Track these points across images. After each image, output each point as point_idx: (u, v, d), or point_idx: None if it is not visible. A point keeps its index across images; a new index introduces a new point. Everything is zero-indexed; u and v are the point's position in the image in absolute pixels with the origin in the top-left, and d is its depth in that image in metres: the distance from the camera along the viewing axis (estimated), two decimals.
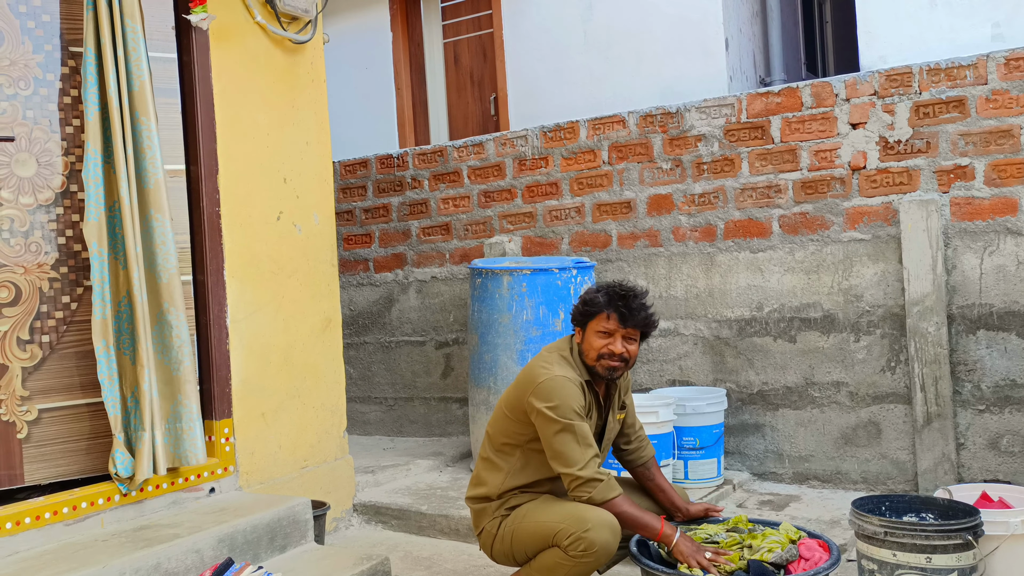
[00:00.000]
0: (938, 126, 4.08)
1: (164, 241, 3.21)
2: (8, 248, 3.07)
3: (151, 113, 3.19)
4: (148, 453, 3.11)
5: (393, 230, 5.74)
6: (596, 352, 2.79)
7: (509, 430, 2.85)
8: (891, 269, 4.18)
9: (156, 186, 3.19)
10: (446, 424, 5.57)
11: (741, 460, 4.55)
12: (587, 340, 2.82)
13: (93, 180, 3.10)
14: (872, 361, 4.22)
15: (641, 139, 4.81)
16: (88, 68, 3.11)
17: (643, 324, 2.82)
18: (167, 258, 3.21)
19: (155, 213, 3.19)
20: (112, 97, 3.11)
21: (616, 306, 2.78)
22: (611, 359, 2.78)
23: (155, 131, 3.19)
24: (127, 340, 3.18)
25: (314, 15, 4.00)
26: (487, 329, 4.47)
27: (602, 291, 2.85)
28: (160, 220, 3.20)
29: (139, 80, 3.16)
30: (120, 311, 3.17)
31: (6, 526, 2.84)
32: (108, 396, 3.12)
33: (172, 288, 3.22)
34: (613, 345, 2.78)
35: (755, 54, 6.25)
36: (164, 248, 3.21)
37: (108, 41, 3.11)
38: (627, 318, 2.78)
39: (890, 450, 4.19)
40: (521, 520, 2.78)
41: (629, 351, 2.80)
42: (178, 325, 3.23)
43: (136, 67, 3.16)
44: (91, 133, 3.11)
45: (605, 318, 2.79)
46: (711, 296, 4.63)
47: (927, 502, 2.92)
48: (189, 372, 3.25)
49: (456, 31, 6.99)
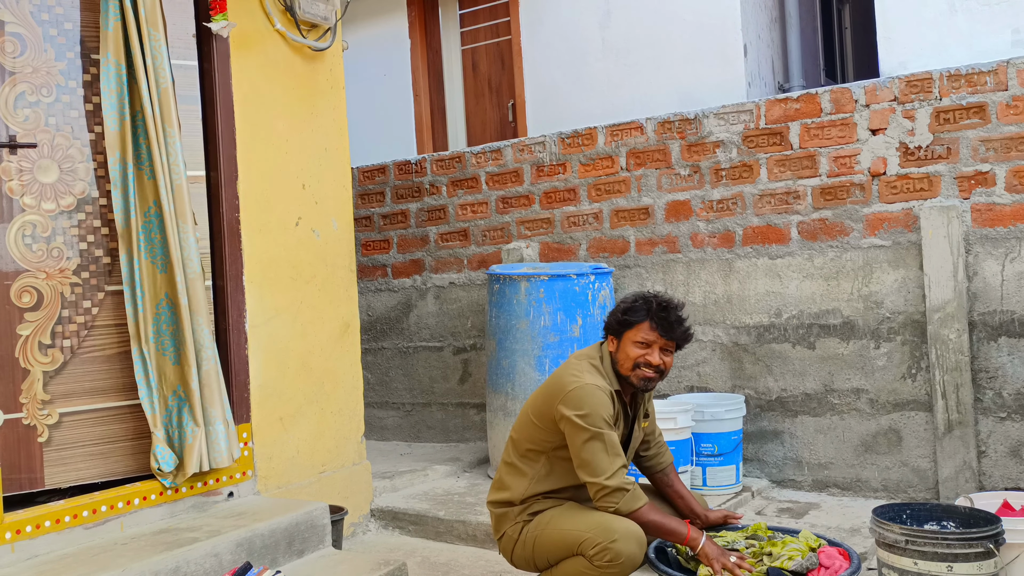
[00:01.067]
0: (959, 132, 4.05)
1: (187, 246, 3.26)
2: (30, 253, 3.10)
3: (174, 120, 3.23)
4: (199, 447, 3.20)
5: (411, 236, 5.75)
6: (632, 362, 2.78)
7: (535, 436, 2.84)
8: (911, 276, 4.14)
9: (179, 191, 3.25)
10: (463, 430, 5.57)
11: (760, 467, 4.52)
12: (623, 349, 2.81)
13: (121, 188, 3.17)
14: (892, 368, 4.19)
15: (659, 145, 4.81)
16: (112, 78, 3.16)
17: (682, 337, 2.82)
18: (188, 262, 3.25)
19: (178, 219, 3.24)
20: (140, 105, 3.17)
21: (659, 317, 2.77)
22: (647, 369, 2.77)
23: (177, 138, 3.24)
24: (166, 341, 3.24)
25: (333, 23, 4.02)
26: (505, 335, 4.47)
27: (641, 300, 2.84)
28: (183, 226, 3.25)
29: (162, 88, 3.21)
30: (159, 314, 3.24)
31: (27, 529, 2.86)
32: (145, 396, 3.19)
33: (195, 292, 3.26)
34: (651, 356, 2.77)
35: (774, 60, 6.23)
36: (187, 252, 3.25)
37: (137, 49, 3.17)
38: (668, 330, 2.77)
39: (911, 458, 4.15)
40: (544, 527, 2.77)
41: (665, 363, 2.80)
42: (199, 329, 3.26)
43: (159, 75, 3.21)
44: (117, 142, 3.17)
45: (646, 328, 2.78)
46: (729, 302, 4.61)
47: (948, 510, 2.89)
48: (208, 376, 3.29)
49: (474, 38, 7.01)
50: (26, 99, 3.11)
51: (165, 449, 3.19)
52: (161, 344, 3.24)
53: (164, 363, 3.24)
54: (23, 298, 3.08)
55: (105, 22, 3.17)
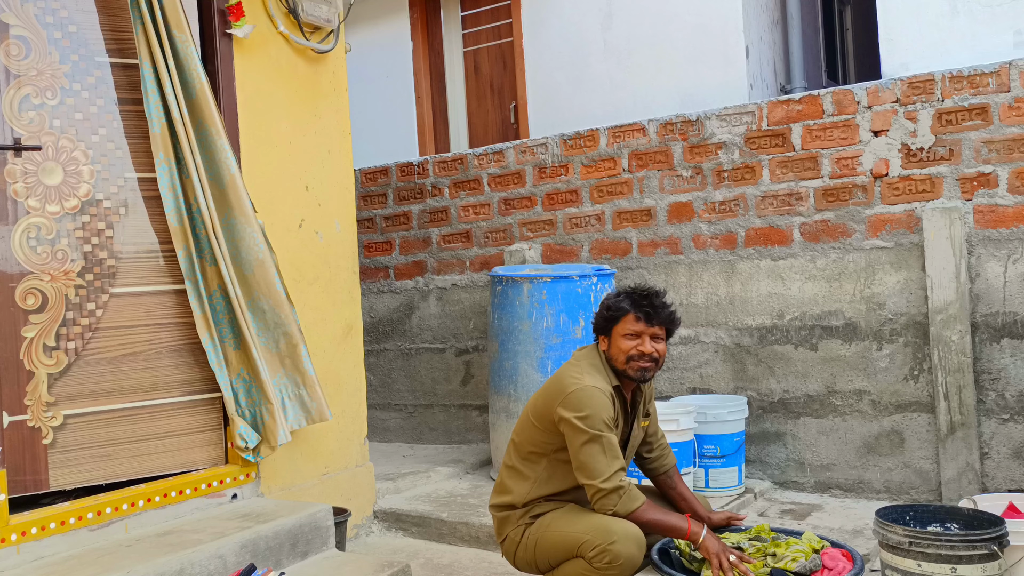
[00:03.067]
0: (961, 133, 4.05)
1: (244, 235, 3.40)
2: (35, 256, 3.11)
3: (214, 117, 3.34)
4: (280, 421, 3.42)
5: (413, 237, 5.76)
6: (625, 355, 2.80)
7: (536, 439, 2.84)
8: (914, 277, 4.15)
9: (231, 185, 3.37)
10: (466, 431, 5.57)
11: (762, 469, 4.53)
12: (614, 345, 2.83)
13: (171, 188, 3.29)
14: (895, 369, 4.19)
15: (661, 147, 4.81)
16: (147, 81, 3.25)
17: (668, 321, 2.85)
18: (250, 251, 3.41)
19: (235, 212, 3.39)
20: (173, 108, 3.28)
21: (641, 306, 2.81)
22: (642, 359, 2.79)
23: (221, 134, 3.35)
24: (225, 330, 3.42)
25: (336, 25, 4.03)
26: (507, 336, 4.48)
27: (623, 295, 2.88)
28: (240, 218, 3.39)
29: (196, 88, 3.32)
30: (214, 304, 3.39)
31: (32, 531, 2.87)
32: (222, 380, 3.40)
33: (260, 277, 3.43)
34: (643, 346, 2.79)
35: (775, 62, 6.24)
36: (246, 242, 3.40)
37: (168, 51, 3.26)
38: (653, 316, 2.80)
39: (913, 459, 4.15)
40: (545, 529, 2.78)
41: (658, 350, 2.82)
42: (270, 310, 3.47)
43: (192, 76, 3.30)
44: (160, 143, 3.28)
45: (632, 320, 2.80)
46: (732, 304, 4.61)
47: (952, 512, 2.90)
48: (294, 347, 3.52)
49: (476, 40, 7.02)
50: (31, 102, 3.12)
51: (247, 427, 3.42)
52: (221, 333, 3.42)
53: (226, 350, 3.43)
54: (28, 300, 3.08)
55: (135, 26, 3.24)
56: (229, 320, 3.42)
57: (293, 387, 3.55)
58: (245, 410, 3.45)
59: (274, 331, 3.50)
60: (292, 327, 3.51)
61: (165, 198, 3.29)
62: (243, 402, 3.45)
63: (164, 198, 3.29)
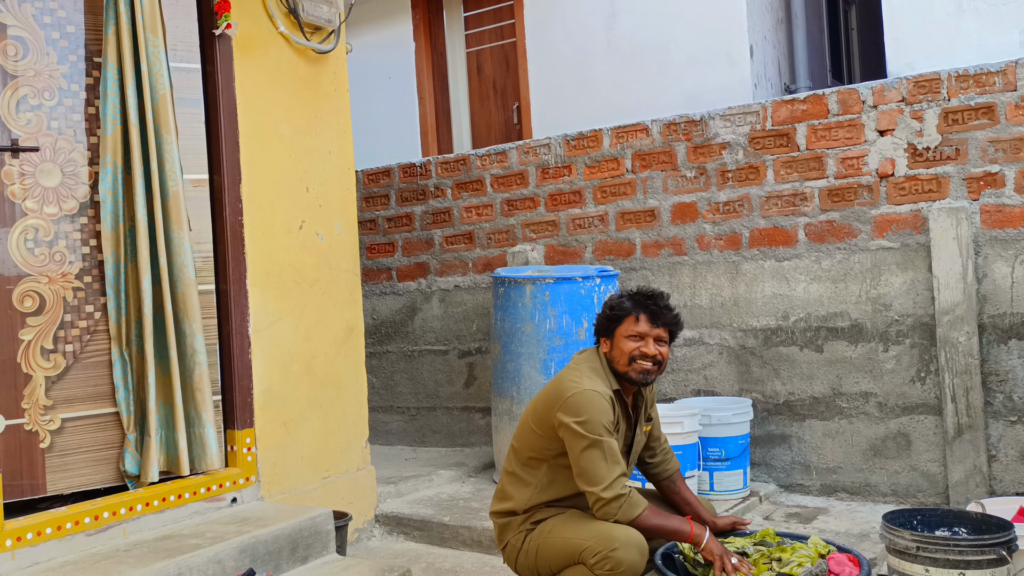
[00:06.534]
0: (967, 133, 4.01)
1: (180, 252, 3.25)
2: (32, 258, 3.09)
3: (171, 127, 3.23)
4: (154, 455, 3.18)
5: (416, 239, 5.73)
6: (628, 356, 2.76)
7: (536, 444, 2.81)
8: (920, 278, 4.10)
9: (175, 198, 3.24)
10: (469, 434, 5.54)
11: (767, 471, 4.49)
12: (616, 347, 2.79)
13: (111, 192, 3.17)
14: (901, 371, 4.15)
15: (665, 147, 4.78)
16: (108, 82, 3.15)
17: (672, 323, 2.81)
18: (183, 268, 3.26)
19: (173, 224, 3.24)
20: (132, 111, 3.16)
21: (646, 307, 2.78)
22: (644, 361, 2.75)
23: (174, 144, 3.24)
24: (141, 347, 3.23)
25: (337, 25, 4.00)
26: (510, 338, 4.45)
27: (625, 296, 2.85)
28: (177, 231, 3.24)
29: (160, 94, 3.20)
30: (140, 318, 3.21)
31: (27, 536, 2.84)
32: (121, 398, 3.20)
33: (187, 298, 3.26)
34: (646, 347, 2.76)
35: (780, 61, 6.20)
36: (180, 258, 3.25)
37: (129, 55, 3.15)
38: (657, 317, 2.77)
39: (920, 462, 4.11)
40: (547, 535, 2.74)
41: (662, 352, 2.78)
42: (191, 334, 3.26)
43: (157, 80, 3.20)
44: (110, 146, 3.17)
45: (634, 321, 2.77)
46: (736, 305, 4.57)
47: (960, 516, 2.86)
48: (201, 379, 3.28)
49: (479, 40, 6.99)
50: (28, 103, 3.09)
51: (133, 453, 3.22)
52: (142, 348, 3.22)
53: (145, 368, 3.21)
54: (25, 303, 3.06)
55: (106, 26, 3.16)
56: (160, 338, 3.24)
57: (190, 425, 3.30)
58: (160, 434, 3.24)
59: (190, 359, 3.27)
60: (203, 357, 3.29)
61: (103, 201, 3.17)
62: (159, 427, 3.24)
63: (103, 201, 3.17)
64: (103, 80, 3.17)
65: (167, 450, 3.25)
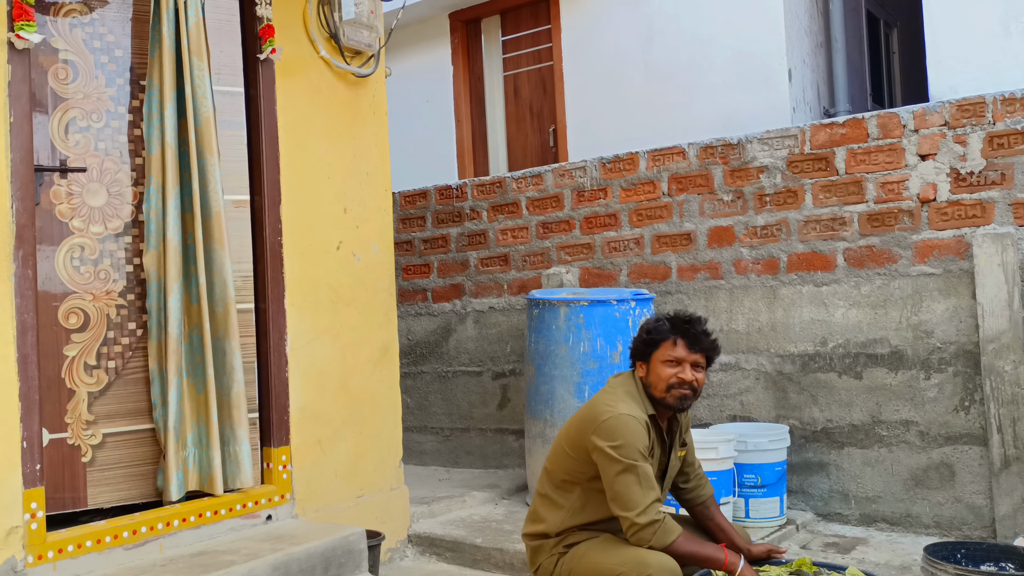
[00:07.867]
0: (1013, 157, 3.94)
1: (222, 271, 3.30)
2: (78, 276, 3.15)
3: (214, 148, 3.29)
4: (173, 473, 3.21)
5: (451, 260, 5.76)
6: (666, 383, 2.74)
7: (569, 467, 2.79)
8: (964, 304, 4.03)
9: (217, 218, 3.29)
10: (502, 456, 5.52)
11: (805, 499, 4.41)
12: (653, 371, 2.77)
13: (155, 211, 3.23)
14: (944, 400, 4.06)
15: (701, 170, 4.76)
16: (153, 104, 3.23)
17: (710, 348, 2.79)
18: (224, 288, 3.30)
19: (215, 244, 3.29)
20: (172, 132, 3.23)
21: (684, 331, 2.76)
22: (682, 387, 2.73)
23: (216, 166, 3.30)
24: (190, 367, 3.28)
25: (377, 49, 4.06)
26: (544, 360, 4.44)
27: (663, 320, 2.82)
28: (219, 251, 3.30)
29: (204, 116, 3.26)
30: (190, 339, 3.27)
31: (68, 548, 2.88)
32: (158, 415, 3.24)
33: (228, 317, 3.31)
34: (683, 373, 2.73)
35: (819, 85, 6.16)
36: (221, 278, 3.30)
37: (173, 78, 3.23)
38: (695, 342, 2.75)
39: (964, 494, 4.01)
40: (579, 559, 2.72)
41: (698, 379, 2.76)
42: (230, 352, 3.31)
43: (201, 103, 3.26)
44: (155, 167, 3.23)
45: (671, 345, 2.75)
46: (773, 330, 4.52)
47: (1006, 551, 2.78)
48: (239, 397, 3.32)
49: (516, 64, 7.05)
50: (77, 124, 3.17)
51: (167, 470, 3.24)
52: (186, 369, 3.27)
53: (184, 385, 3.26)
54: (70, 319, 3.12)
55: (152, 50, 3.24)
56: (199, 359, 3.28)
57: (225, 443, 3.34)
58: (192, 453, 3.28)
59: (229, 377, 3.31)
60: (241, 375, 3.32)
61: (147, 220, 3.22)
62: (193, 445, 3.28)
63: (146, 220, 3.22)
64: (147, 102, 3.24)
65: (200, 469, 3.28)
